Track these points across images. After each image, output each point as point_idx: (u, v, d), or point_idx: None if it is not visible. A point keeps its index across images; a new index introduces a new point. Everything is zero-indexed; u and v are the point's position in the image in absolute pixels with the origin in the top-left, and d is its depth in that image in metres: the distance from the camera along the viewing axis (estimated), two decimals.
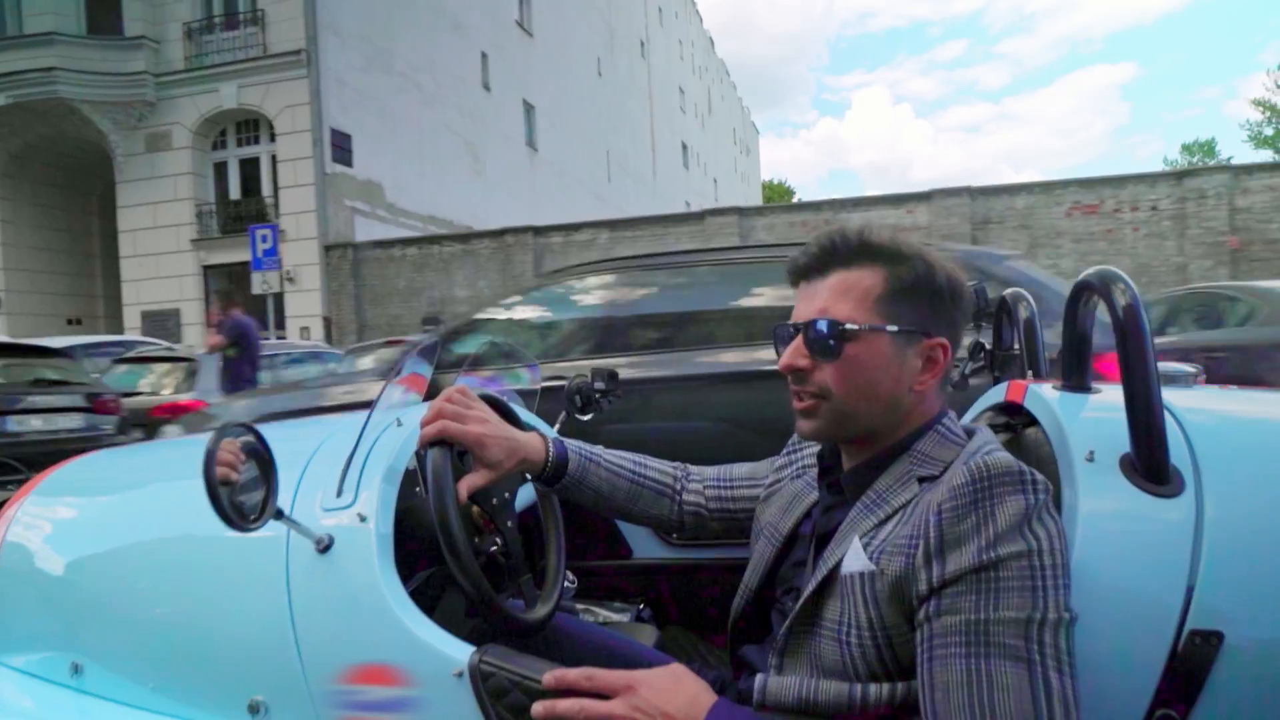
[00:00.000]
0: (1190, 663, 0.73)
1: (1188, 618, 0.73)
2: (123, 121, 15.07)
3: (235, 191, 15.31)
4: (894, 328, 0.85)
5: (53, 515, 1.17)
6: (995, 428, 1.11)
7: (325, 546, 0.92)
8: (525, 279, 13.53)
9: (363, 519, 0.93)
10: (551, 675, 0.80)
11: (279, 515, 0.87)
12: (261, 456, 0.87)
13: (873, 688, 0.77)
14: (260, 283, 11.42)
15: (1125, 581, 0.76)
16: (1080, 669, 0.70)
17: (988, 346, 1.40)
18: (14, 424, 4.72)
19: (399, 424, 1.09)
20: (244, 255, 14.96)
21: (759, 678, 0.84)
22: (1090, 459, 0.83)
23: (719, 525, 1.13)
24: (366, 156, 15.55)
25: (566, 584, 1.26)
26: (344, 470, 0.98)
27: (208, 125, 15.03)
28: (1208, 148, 43.54)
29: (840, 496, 0.91)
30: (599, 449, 1.10)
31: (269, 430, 0.94)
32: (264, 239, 11.29)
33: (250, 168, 15.33)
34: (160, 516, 1.07)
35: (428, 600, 0.95)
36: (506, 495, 1.06)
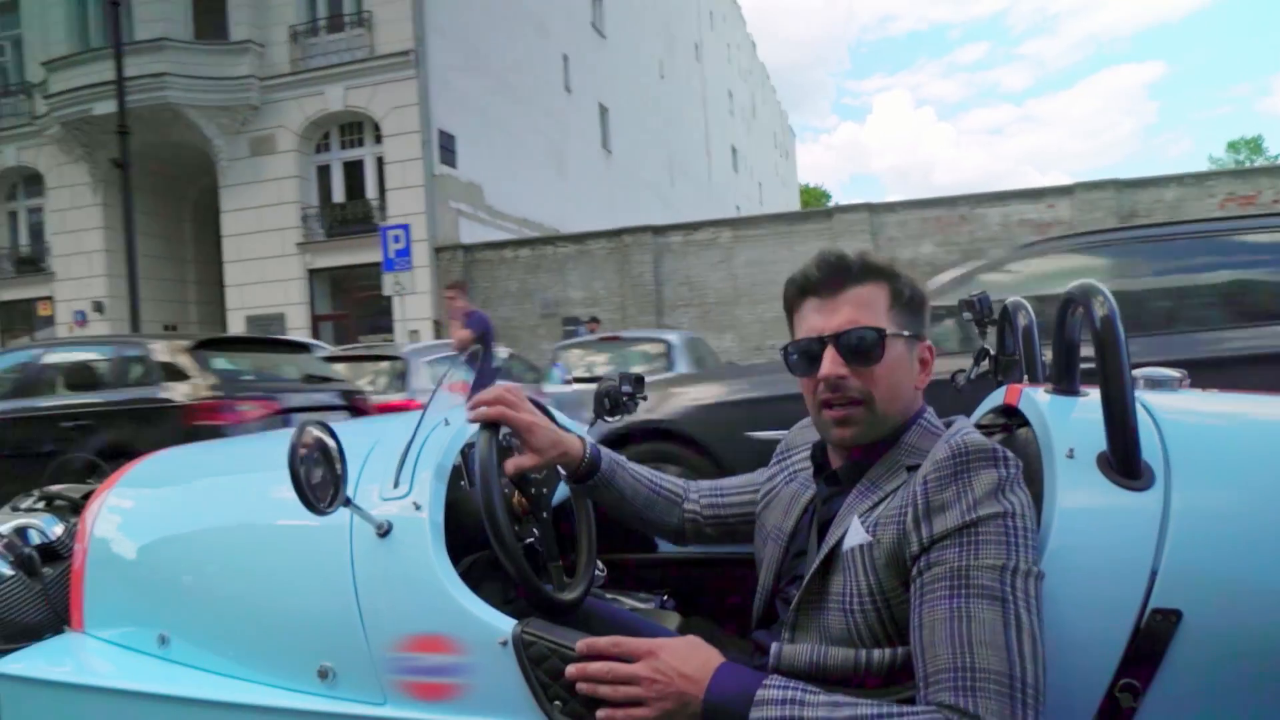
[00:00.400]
0: (1152, 637, 0.80)
1: (1151, 597, 0.80)
2: (227, 126, 15.00)
3: (339, 194, 15.17)
4: (907, 333, 0.98)
5: (135, 504, 1.28)
6: (994, 428, 1.25)
7: (385, 531, 1.02)
8: (643, 275, 13.26)
9: (418, 507, 1.03)
10: (584, 642, 0.90)
11: (347, 502, 0.97)
12: (332, 451, 0.97)
13: (875, 653, 0.87)
14: (392, 284, 11.21)
15: (1096, 565, 0.84)
16: (1053, 642, 0.80)
17: (992, 352, 1.49)
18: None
19: (447, 423, 1.19)
20: (350, 258, 14.86)
21: (774, 645, 0.93)
22: (1070, 456, 0.90)
23: (714, 532, 1.25)
24: (467, 158, 15.38)
25: (596, 572, 1.36)
26: (400, 463, 1.08)
27: (312, 128, 14.92)
28: (1254, 144, 42.62)
29: (838, 487, 1.01)
30: (624, 458, 1.22)
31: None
32: (396, 239, 11.09)
33: (354, 170, 15.20)
34: (235, 504, 1.16)
35: (470, 585, 1.04)
36: (545, 490, 1.19)
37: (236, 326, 15.21)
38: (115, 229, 16.30)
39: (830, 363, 0.96)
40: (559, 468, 1.18)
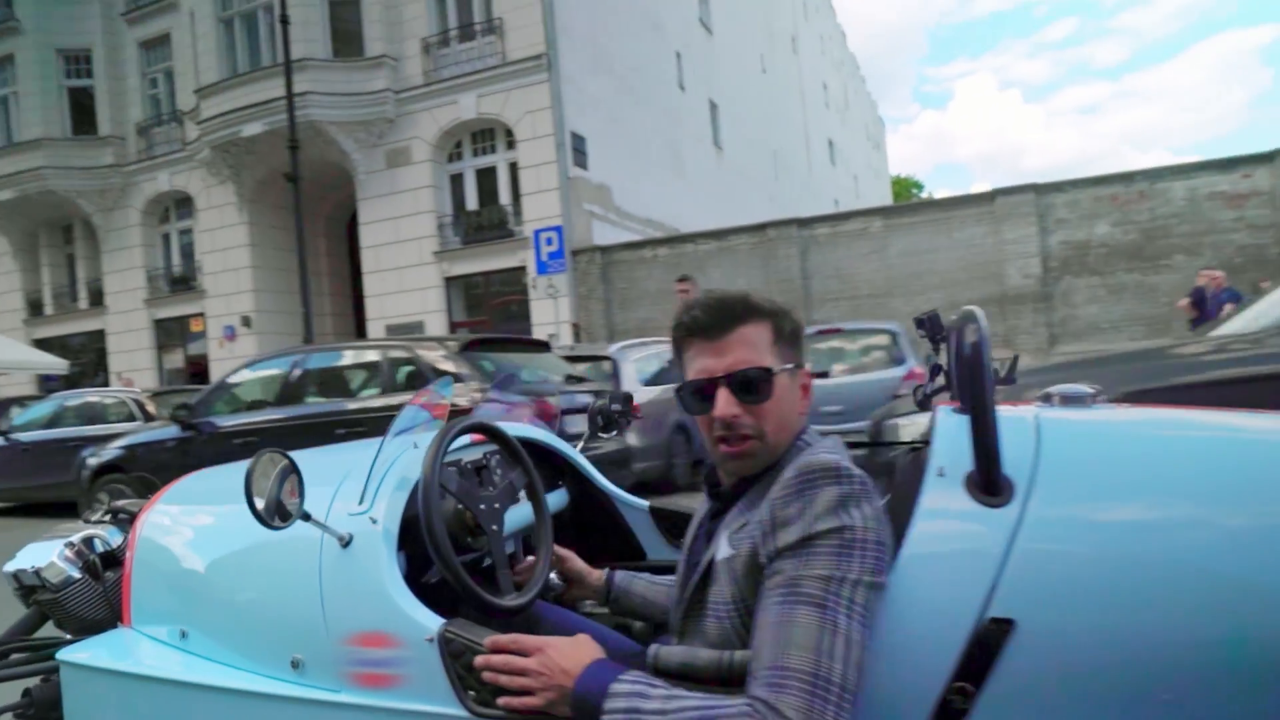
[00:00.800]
0: (985, 644, 0.85)
1: (988, 607, 0.86)
2: (364, 140, 15.34)
3: (472, 202, 15.30)
4: (790, 365, 1.08)
5: (169, 518, 1.47)
6: (921, 445, 1.39)
7: (346, 542, 1.18)
8: (789, 270, 12.81)
9: (374, 521, 1.19)
10: (490, 639, 1.03)
11: (306, 518, 1.13)
12: (289, 475, 1.11)
13: (738, 654, 0.96)
14: (545, 286, 11.13)
15: (941, 575, 0.90)
16: (893, 644, 0.87)
17: (945, 368, 1.50)
18: (569, 424, 4.26)
19: (415, 446, 1.33)
20: (486, 265, 14.96)
21: (652, 647, 1.05)
22: (941, 474, 0.97)
23: None
24: (596, 159, 15.28)
25: (555, 582, 1.47)
26: (365, 483, 1.24)
27: (445, 138, 15.10)
28: None
29: (722, 505, 1.13)
30: (638, 574, 1.44)
31: (322, 450, 1.61)
32: (548, 241, 11.01)
33: (486, 178, 15.30)
34: (241, 519, 1.19)
35: (450, 590, 1.16)
36: (496, 506, 1.33)
37: (377, 335, 15.53)
38: (260, 246, 16.97)
39: (724, 403, 1.03)
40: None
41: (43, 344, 17.78)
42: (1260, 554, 0.84)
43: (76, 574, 1.54)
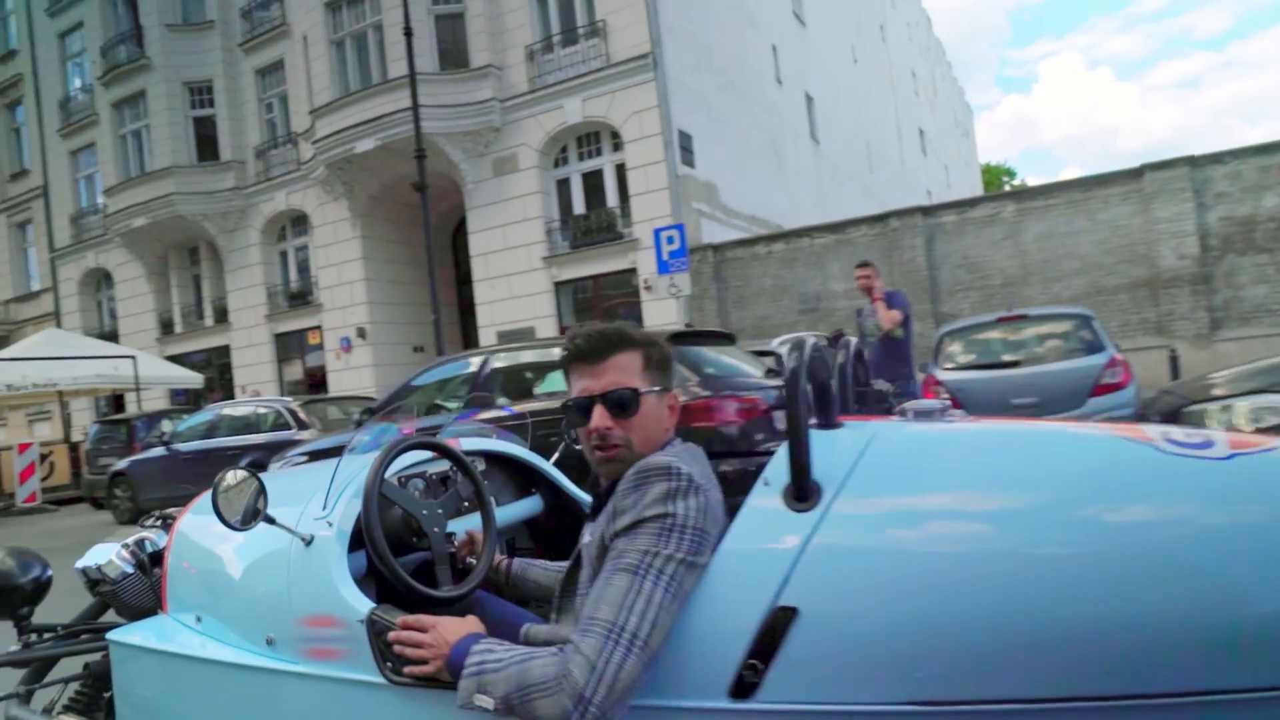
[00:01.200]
0: (772, 629, 0.99)
1: (778, 598, 1.00)
2: (471, 150, 15.56)
3: (579, 206, 15.31)
4: (657, 388, 1.28)
5: (194, 522, 1.74)
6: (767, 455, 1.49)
7: (308, 541, 1.42)
8: (914, 260, 12.26)
9: (330, 525, 1.43)
10: (400, 619, 1.25)
11: (270, 521, 1.40)
12: (253, 485, 1.42)
13: None
14: (668, 287, 10.94)
15: (745, 569, 1.05)
16: (699, 627, 1.04)
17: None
18: (779, 421, 4.00)
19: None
20: (595, 268, 14.92)
21: (525, 626, 1.28)
22: (766, 483, 1.12)
23: None
24: (702, 157, 15.05)
25: (494, 578, 1.69)
26: (327, 493, 1.49)
27: (551, 143, 15.15)
28: None
29: (599, 503, 1.29)
30: (534, 560, 1.68)
31: (321, 464, 1.94)
32: (670, 239, 10.82)
33: (593, 181, 15.29)
34: (256, 531, 1.46)
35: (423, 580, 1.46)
36: (440, 512, 1.57)
37: (488, 342, 15.70)
38: (373, 259, 17.43)
39: (598, 417, 1.25)
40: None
41: (174, 360, 18.74)
42: (1025, 547, 0.95)
43: (130, 570, 1.87)
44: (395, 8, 15.27)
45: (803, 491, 1.06)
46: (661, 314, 13.86)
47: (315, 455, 5.53)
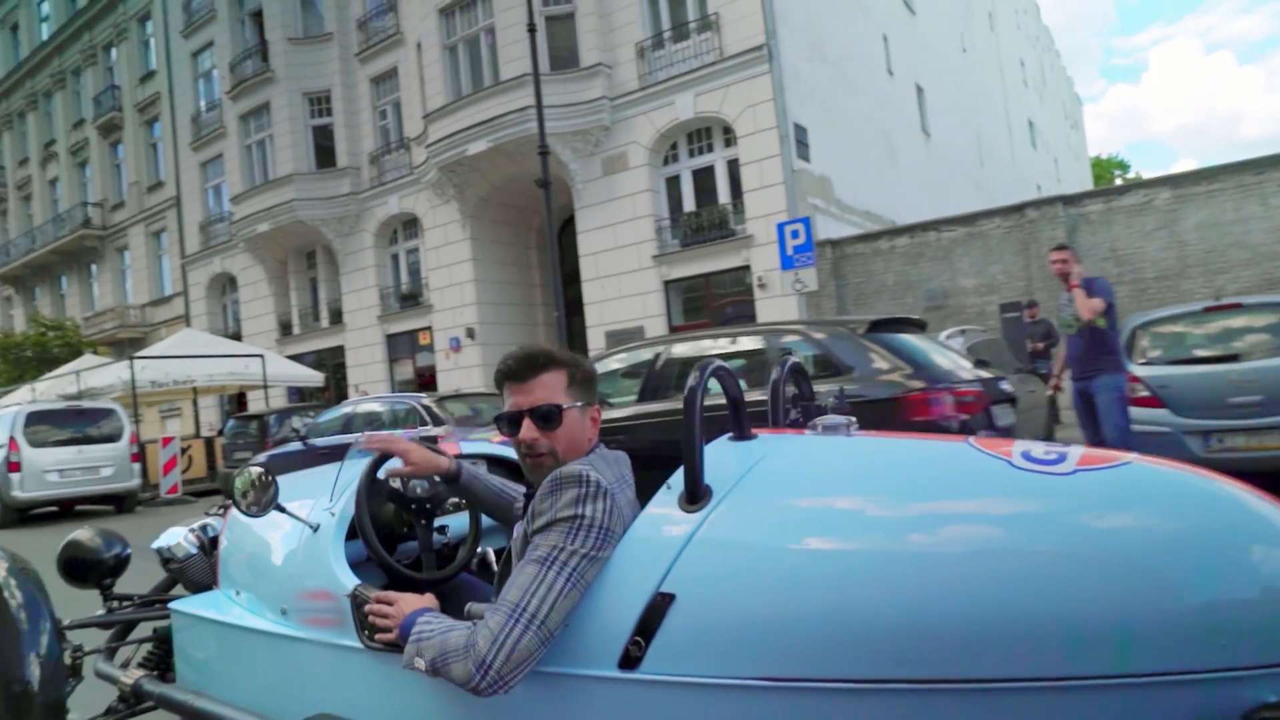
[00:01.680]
0: (653, 611, 1.16)
1: (661, 585, 1.17)
2: (581, 149, 15.55)
3: (690, 203, 15.08)
4: (580, 404, 1.46)
5: (238, 512, 1.85)
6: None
7: (315, 528, 1.72)
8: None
9: (332, 515, 1.72)
10: (374, 594, 1.49)
11: (281, 509, 1.72)
12: (267, 479, 1.72)
13: None
14: (793, 283, 10.57)
15: (637, 560, 1.23)
16: (595, 608, 1.22)
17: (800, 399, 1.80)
18: (998, 416, 3.60)
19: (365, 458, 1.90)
20: (706, 266, 14.65)
21: (468, 605, 1.40)
22: (668, 488, 1.28)
23: None
24: (817, 151, 14.58)
25: (475, 565, 1.99)
26: (333, 487, 1.80)
27: (661, 140, 14.99)
28: None
29: (527, 504, 1.44)
30: (484, 472, 1.86)
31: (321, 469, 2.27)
32: (794, 234, 10.45)
33: (703, 178, 15.04)
34: (271, 516, 1.76)
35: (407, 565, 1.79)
36: (428, 506, 1.84)
37: (596, 343, 15.65)
38: (482, 260, 17.67)
39: (526, 429, 1.44)
40: (437, 478, 1.85)
41: (292, 360, 19.51)
42: (873, 546, 1.10)
43: (194, 551, 2.21)
44: (507, 10, 15.47)
45: (693, 495, 1.21)
46: (776, 311, 13.47)
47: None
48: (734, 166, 14.41)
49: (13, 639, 1.87)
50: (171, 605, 2.02)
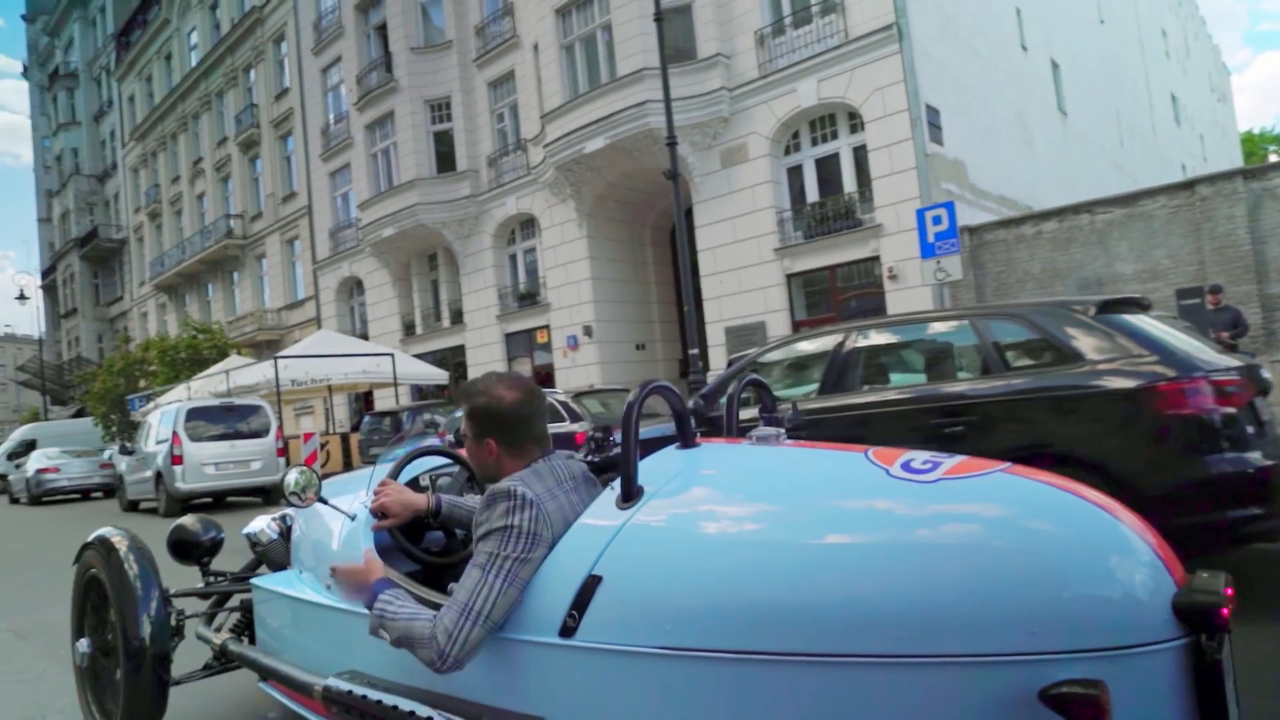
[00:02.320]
0: (586, 590, 1.41)
1: (593, 568, 1.42)
2: (699, 142, 15.31)
3: (813, 193, 14.58)
4: (473, 435, 1.78)
5: (290, 506, 2.39)
6: None
7: (353, 518, 2.13)
8: (1232, 234, 10.34)
9: (366, 507, 2.10)
10: (366, 560, 1.88)
11: (324, 501, 2.16)
12: (318, 479, 2.18)
13: None
14: (935, 272, 9.97)
15: (576, 549, 1.48)
16: (540, 587, 1.49)
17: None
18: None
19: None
20: (831, 259, 14.11)
21: (450, 585, 1.66)
22: (613, 489, 1.54)
23: None
24: (950, 134, 13.78)
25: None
26: (369, 485, 2.17)
27: (782, 130, 14.56)
28: None
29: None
30: (458, 498, 2.19)
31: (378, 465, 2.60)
32: (936, 220, 9.84)
33: (827, 166, 14.51)
34: (327, 509, 2.22)
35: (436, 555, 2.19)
36: (432, 521, 2.13)
37: (715, 339, 15.38)
38: (598, 259, 17.71)
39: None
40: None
41: (416, 359, 20.18)
42: (764, 537, 1.32)
43: (275, 536, 2.61)
44: (623, 6, 15.40)
45: (627, 494, 1.48)
46: (909, 304, 12.80)
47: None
48: (860, 153, 13.82)
49: (131, 601, 2.37)
50: (253, 581, 2.45)
